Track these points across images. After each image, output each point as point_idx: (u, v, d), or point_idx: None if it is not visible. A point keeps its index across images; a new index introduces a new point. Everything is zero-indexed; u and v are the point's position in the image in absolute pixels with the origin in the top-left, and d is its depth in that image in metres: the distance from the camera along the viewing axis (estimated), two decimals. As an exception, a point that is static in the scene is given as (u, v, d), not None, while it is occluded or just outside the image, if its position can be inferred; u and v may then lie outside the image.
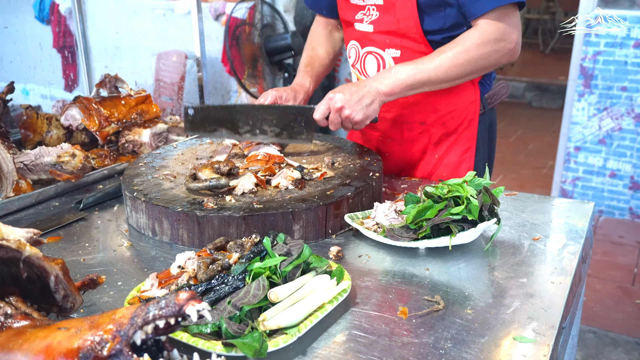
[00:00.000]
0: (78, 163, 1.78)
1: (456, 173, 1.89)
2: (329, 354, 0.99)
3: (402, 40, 1.78)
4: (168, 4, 5.14)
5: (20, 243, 0.93)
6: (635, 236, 4.47)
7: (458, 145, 1.90)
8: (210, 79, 5.45)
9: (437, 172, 1.92)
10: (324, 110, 1.68)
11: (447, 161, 1.92)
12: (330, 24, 2.10)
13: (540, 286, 1.20)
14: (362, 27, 1.84)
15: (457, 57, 1.66)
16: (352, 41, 1.91)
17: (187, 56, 5.00)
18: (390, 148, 1.99)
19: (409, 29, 1.74)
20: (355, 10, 1.84)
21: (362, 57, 1.88)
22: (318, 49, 2.08)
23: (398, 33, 1.77)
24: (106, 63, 3.17)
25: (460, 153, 1.90)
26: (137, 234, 1.50)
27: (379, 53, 1.83)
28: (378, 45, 1.82)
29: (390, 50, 1.81)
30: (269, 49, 4.69)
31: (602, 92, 4.58)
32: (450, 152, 1.91)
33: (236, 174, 1.59)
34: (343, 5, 1.90)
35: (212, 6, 5.43)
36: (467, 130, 1.88)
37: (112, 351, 0.73)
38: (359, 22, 1.84)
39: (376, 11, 1.79)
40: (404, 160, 1.98)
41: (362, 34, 1.85)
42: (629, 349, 3.13)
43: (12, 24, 3.04)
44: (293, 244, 1.16)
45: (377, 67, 1.85)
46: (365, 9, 1.82)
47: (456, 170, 1.90)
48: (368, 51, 1.85)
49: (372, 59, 1.86)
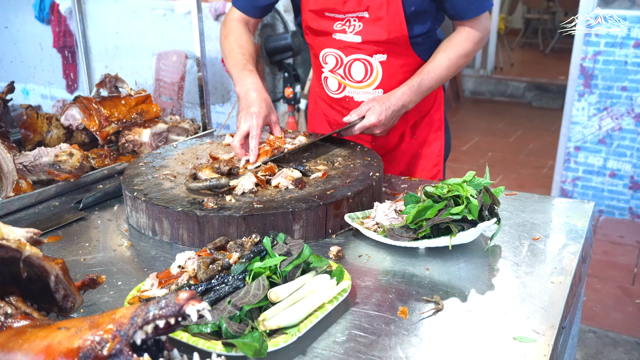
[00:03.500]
0: (76, 162, 1.78)
1: (431, 150, 2.12)
2: (329, 354, 0.99)
3: (389, 47, 1.90)
4: (168, 4, 5.14)
5: (20, 243, 0.93)
6: (635, 236, 4.47)
7: (430, 126, 2.11)
8: (210, 79, 5.44)
9: (415, 151, 2.13)
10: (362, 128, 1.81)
11: (422, 140, 2.12)
12: (250, 23, 2.09)
13: (540, 286, 1.20)
14: (347, 38, 1.90)
15: (458, 59, 1.91)
16: (330, 49, 1.96)
17: (187, 56, 5.00)
18: (370, 136, 2.07)
19: (398, 38, 1.87)
20: (332, 21, 1.90)
21: (347, 64, 1.95)
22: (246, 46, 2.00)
23: (386, 42, 1.88)
24: (106, 63, 3.17)
25: (433, 132, 2.11)
26: (137, 233, 1.50)
27: (367, 59, 1.93)
28: (365, 52, 1.91)
29: (378, 56, 1.92)
30: (269, 49, 4.69)
31: (602, 92, 4.58)
32: (424, 132, 2.11)
33: (236, 173, 1.59)
34: (314, 18, 1.93)
35: (212, 6, 5.43)
36: (436, 112, 2.11)
37: (112, 351, 0.73)
38: (340, 33, 1.91)
39: (358, 22, 1.86)
40: (384, 147, 2.11)
41: (347, 44, 1.91)
42: (629, 349, 3.13)
43: (12, 24, 3.04)
44: (293, 244, 1.16)
45: (364, 72, 1.95)
46: (344, 21, 1.88)
47: (431, 146, 2.11)
48: (354, 58, 1.93)
49: (359, 65, 1.94)
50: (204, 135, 2.28)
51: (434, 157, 2.13)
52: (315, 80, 2.15)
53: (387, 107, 1.80)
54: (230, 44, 1.99)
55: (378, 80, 1.96)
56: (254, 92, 1.81)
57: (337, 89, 2.04)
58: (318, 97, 2.19)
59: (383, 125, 1.82)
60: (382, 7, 1.82)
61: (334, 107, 2.11)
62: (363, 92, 1.99)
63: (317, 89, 2.17)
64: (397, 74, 1.95)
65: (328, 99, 2.10)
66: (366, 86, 1.98)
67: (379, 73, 1.94)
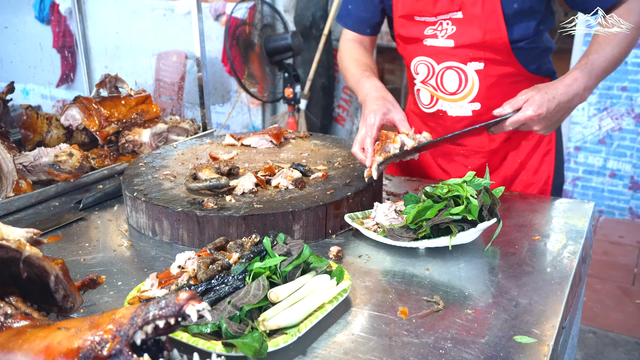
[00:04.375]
0: (75, 162, 1.78)
1: (536, 176, 1.86)
2: (329, 354, 0.99)
3: (485, 52, 1.71)
4: (168, 4, 5.15)
5: (20, 243, 0.93)
6: (635, 236, 4.47)
7: (539, 149, 1.87)
8: (210, 79, 5.45)
9: (519, 177, 1.89)
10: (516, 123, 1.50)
11: (528, 165, 1.88)
12: (364, 43, 1.98)
13: (540, 286, 1.20)
14: (438, 43, 1.75)
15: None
16: (421, 57, 1.81)
17: (187, 56, 5.00)
18: (472, 160, 1.91)
19: (496, 41, 1.67)
20: (423, 26, 1.76)
21: (439, 73, 1.78)
22: (363, 59, 1.88)
23: (482, 45, 1.69)
24: (106, 63, 3.17)
25: (542, 156, 1.87)
26: (137, 234, 1.50)
27: (461, 67, 1.75)
28: (459, 59, 1.74)
29: (473, 64, 1.73)
30: (269, 49, 4.69)
31: (602, 92, 4.58)
32: (531, 156, 1.87)
33: (236, 173, 1.59)
34: (404, 23, 1.80)
35: (212, 6, 5.44)
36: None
37: (112, 351, 0.73)
38: (431, 38, 1.75)
39: (452, 25, 1.70)
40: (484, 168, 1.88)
41: (438, 50, 1.76)
42: (629, 349, 3.13)
43: (12, 24, 3.03)
44: (293, 244, 1.16)
45: (458, 82, 1.77)
46: (436, 25, 1.73)
47: (536, 173, 1.86)
48: (447, 66, 1.76)
49: (452, 74, 1.76)
50: (204, 136, 2.28)
51: (542, 184, 1.91)
52: (410, 94, 1.99)
53: (551, 98, 1.48)
54: (346, 64, 1.90)
55: (474, 92, 1.76)
56: (373, 92, 1.66)
57: (429, 102, 1.87)
58: (412, 112, 2.03)
59: (544, 119, 1.49)
60: (477, 4, 1.64)
61: (427, 122, 1.95)
62: (457, 106, 1.80)
63: (411, 105, 2.02)
64: (497, 85, 1.75)
65: (421, 114, 1.94)
66: (460, 99, 1.79)
67: (474, 84, 1.75)
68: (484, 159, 1.90)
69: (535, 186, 1.91)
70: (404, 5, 1.77)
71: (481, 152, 1.90)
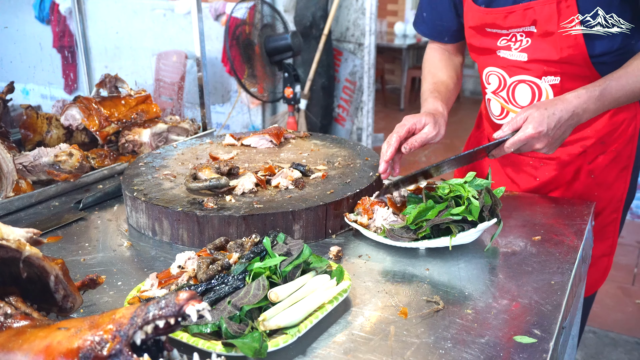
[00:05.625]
0: (75, 162, 1.78)
1: (610, 192, 1.77)
2: (329, 354, 0.99)
3: (562, 67, 1.58)
4: (168, 4, 5.15)
5: (20, 243, 0.93)
6: (635, 236, 4.47)
7: (615, 164, 1.75)
8: (210, 79, 5.45)
9: (590, 192, 1.79)
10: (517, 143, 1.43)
11: (602, 180, 1.76)
12: (448, 49, 1.91)
13: (540, 286, 1.20)
14: (511, 56, 1.65)
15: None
16: (493, 68, 1.72)
17: (187, 56, 5.01)
18: (541, 172, 1.81)
19: (574, 57, 1.54)
20: (495, 37, 1.66)
21: (511, 86, 1.69)
22: (439, 74, 1.83)
23: (559, 61, 1.57)
24: (106, 63, 3.17)
25: (617, 171, 1.76)
26: (137, 234, 1.50)
27: (534, 82, 1.64)
28: (533, 74, 1.63)
29: (548, 78, 1.61)
30: (269, 49, 4.69)
31: (602, 92, 4.56)
32: (606, 171, 1.76)
33: (236, 173, 1.59)
34: (476, 33, 1.71)
35: (212, 6, 5.44)
36: (626, 147, 1.73)
37: (112, 351, 0.73)
38: (504, 50, 1.66)
39: (525, 37, 1.60)
40: (554, 181, 1.80)
41: (511, 62, 1.66)
42: (629, 349, 3.13)
43: (12, 24, 3.04)
44: (293, 244, 1.16)
45: (531, 97, 1.66)
46: (509, 36, 1.63)
47: (610, 189, 1.77)
48: (519, 80, 1.66)
49: (525, 88, 1.66)
50: (204, 135, 2.28)
51: (615, 201, 1.79)
52: (483, 101, 1.90)
53: (550, 114, 1.40)
54: (423, 77, 1.85)
55: None
56: (428, 108, 1.62)
57: (499, 114, 1.78)
58: (484, 119, 1.95)
59: (545, 137, 1.41)
60: (552, 20, 1.51)
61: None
62: None
63: (484, 111, 1.94)
64: None
65: (492, 123, 1.85)
66: None
67: (549, 98, 1.62)
68: (554, 171, 1.78)
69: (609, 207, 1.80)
70: (473, 17, 1.68)
71: (551, 163, 1.79)
